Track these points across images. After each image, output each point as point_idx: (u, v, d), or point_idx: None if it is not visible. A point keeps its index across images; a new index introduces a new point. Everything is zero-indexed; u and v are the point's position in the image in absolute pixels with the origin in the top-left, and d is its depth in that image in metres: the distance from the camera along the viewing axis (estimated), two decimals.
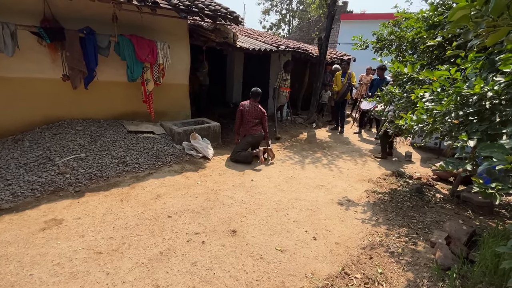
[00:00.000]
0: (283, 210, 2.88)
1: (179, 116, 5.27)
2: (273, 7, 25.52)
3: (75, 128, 3.90)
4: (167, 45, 4.44)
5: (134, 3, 3.63)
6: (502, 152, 0.90)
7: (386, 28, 3.85)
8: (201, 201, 2.92)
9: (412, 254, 2.21)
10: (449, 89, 1.60)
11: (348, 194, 3.39)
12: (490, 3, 0.85)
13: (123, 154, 3.67)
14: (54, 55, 3.69)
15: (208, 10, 4.35)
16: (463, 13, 0.93)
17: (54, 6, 3.63)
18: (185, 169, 3.76)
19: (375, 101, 3.54)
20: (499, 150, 0.92)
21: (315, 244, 2.34)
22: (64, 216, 2.48)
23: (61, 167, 3.15)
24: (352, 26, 12.96)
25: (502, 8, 0.86)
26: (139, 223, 2.46)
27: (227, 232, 2.42)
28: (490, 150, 0.95)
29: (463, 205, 3.16)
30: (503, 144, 0.93)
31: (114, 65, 4.20)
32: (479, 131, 1.39)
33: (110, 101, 4.43)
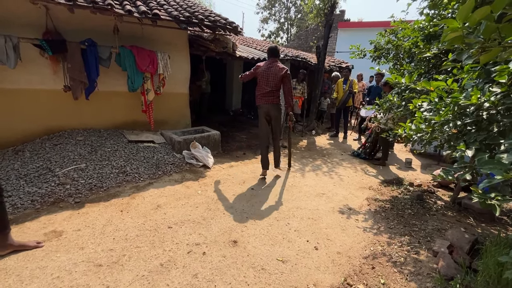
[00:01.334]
0: (284, 219, 2.86)
1: (179, 125, 5.30)
2: (271, 16, 25.94)
3: (75, 138, 3.92)
4: (167, 56, 4.49)
5: (135, 15, 3.70)
6: (501, 169, 0.91)
7: (383, 37, 3.91)
8: (201, 211, 2.91)
9: (414, 264, 2.19)
10: (446, 99, 1.63)
11: (349, 202, 3.38)
12: (481, 25, 0.88)
13: (123, 164, 3.67)
14: (55, 67, 3.74)
15: (208, 21, 4.43)
16: (456, 35, 0.96)
17: (56, 18, 3.70)
18: (186, 178, 3.75)
19: (374, 108, 3.58)
20: (497, 166, 0.93)
21: (317, 254, 2.32)
22: (64, 228, 2.47)
23: (61, 178, 3.15)
24: (349, 34, 13.16)
25: (492, 30, 0.89)
26: (139, 234, 2.44)
27: (228, 243, 2.40)
28: (489, 166, 0.96)
29: (465, 212, 3.15)
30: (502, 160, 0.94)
31: (115, 76, 4.25)
32: (477, 141, 1.40)
33: (111, 111, 4.46)
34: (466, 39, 0.94)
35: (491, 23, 0.86)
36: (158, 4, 4.31)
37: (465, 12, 0.87)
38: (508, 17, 0.87)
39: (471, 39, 0.92)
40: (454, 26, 0.93)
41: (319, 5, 7.22)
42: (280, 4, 25.22)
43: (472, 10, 0.87)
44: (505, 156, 0.94)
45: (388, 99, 3.11)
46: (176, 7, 4.44)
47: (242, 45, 7.71)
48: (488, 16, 0.85)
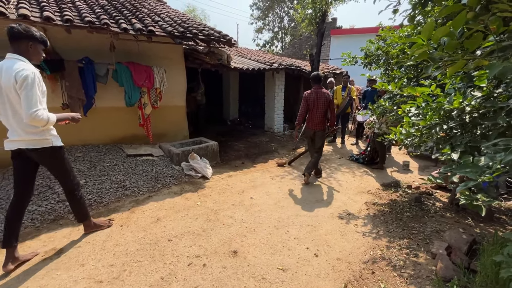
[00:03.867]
0: (284, 227, 2.88)
1: (177, 137, 5.35)
2: (265, 26, 26.44)
3: (74, 154, 3.95)
4: (164, 70, 4.59)
5: (131, 32, 3.80)
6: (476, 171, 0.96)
7: (373, 44, 4.02)
8: (201, 222, 2.92)
9: (414, 267, 2.20)
10: (432, 104, 1.69)
11: (348, 207, 3.40)
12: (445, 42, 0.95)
13: (122, 178, 3.70)
14: (53, 85, 3.81)
15: (202, 35, 4.54)
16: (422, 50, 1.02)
17: (54, 38, 3.79)
18: (185, 190, 3.77)
19: (368, 114, 3.64)
20: (473, 169, 0.97)
21: (317, 261, 2.33)
22: (64, 245, 2.47)
23: (61, 195, 3.16)
24: (342, 40, 13.42)
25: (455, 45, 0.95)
26: (139, 249, 2.45)
27: (228, 253, 2.41)
28: (464, 170, 1.00)
29: (463, 212, 3.17)
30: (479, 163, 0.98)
31: (112, 91, 4.32)
32: (462, 143, 1.45)
33: (109, 126, 4.52)
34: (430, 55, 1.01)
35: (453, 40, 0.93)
36: (153, 21, 4.43)
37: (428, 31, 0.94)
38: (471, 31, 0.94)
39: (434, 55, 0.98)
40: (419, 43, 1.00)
41: (311, 14, 7.40)
42: (273, 14, 25.76)
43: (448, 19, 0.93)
44: (482, 159, 0.98)
45: (381, 104, 3.18)
46: (171, 23, 4.56)
47: (237, 56, 7.85)
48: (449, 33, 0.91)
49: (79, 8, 3.92)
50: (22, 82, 1.91)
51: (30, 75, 1.94)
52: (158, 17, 4.80)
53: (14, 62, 1.97)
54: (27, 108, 1.92)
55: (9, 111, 2.02)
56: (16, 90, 1.94)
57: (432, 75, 1.00)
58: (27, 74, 1.92)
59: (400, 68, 3.36)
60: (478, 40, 0.94)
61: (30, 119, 1.93)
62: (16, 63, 1.96)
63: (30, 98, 1.93)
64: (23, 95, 1.92)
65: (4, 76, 1.94)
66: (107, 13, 4.21)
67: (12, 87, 1.93)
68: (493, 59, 0.95)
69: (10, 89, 1.94)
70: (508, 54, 0.94)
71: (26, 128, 2.04)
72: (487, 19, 0.88)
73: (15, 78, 1.91)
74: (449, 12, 0.91)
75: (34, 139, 2.09)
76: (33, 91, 1.94)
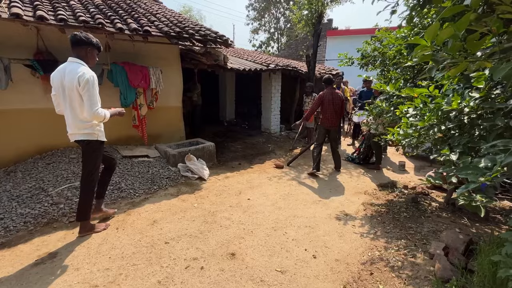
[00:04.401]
0: (282, 228, 2.86)
1: (173, 138, 5.30)
2: (261, 26, 26.46)
3: (68, 156, 3.89)
4: (160, 70, 4.55)
5: (126, 32, 3.76)
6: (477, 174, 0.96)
7: (369, 45, 4.04)
8: (198, 224, 2.90)
9: (412, 267, 2.20)
10: (430, 105, 1.69)
11: (345, 208, 3.40)
12: (448, 44, 0.95)
13: (118, 180, 3.65)
14: (47, 86, 3.73)
15: (198, 35, 4.51)
16: (425, 52, 1.02)
17: (47, 39, 3.73)
18: (181, 192, 3.74)
19: (365, 114, 3.65)
20: (474, 171, 0.97)
21: (315, 263, 2.32)
22: (58, 249, 2.42)
23: (54, 198, 3.11)
24: (338, 41, 13.50)
25: (458, 47, 0.95)
26: (135, 252, 2.41)
27: (226, 256, 2.38)
28: (465, 172, 1.00)
29: (459, 212, 3.20)
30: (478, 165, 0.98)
31: (107, 92, 4.25)
32: (460, 144, 1.45)
33: (104, 127, 4.44)
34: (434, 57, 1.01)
35: (457, 42, 0.93)
36: (149, 21, 4.39)
37: (432, 32, 0.94)
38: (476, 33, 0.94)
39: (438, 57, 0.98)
40: (423, 44, 1.00)
41: (307, 15, 7.42)
42: (269, 15, 25.79)
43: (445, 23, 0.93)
44: (482, 161, 0.98)
45: (377, 105, 3.19)
46: (167, 23, 4.53)
47: (233, 57, 7.83)
48: (453, 35, 0.91)
49: (73, 7, 3.86)
50: (85, 85, 2.19)
51: (90, 78, 2.23)
52: (154, 17, 4.76)
53: (76, 65, 2.25)
54: (89, 107, 2.24)
55: (68, 108, 2.32)
56: (78, 90, 2.22)
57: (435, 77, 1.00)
58: (88, 77, 2.21)
59: (396, 69, 3.38)
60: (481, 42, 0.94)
61: (92, 116, 2.27)
62: (79, 67, 2.24)
63: (92, 98, 2.23)
64: (86, 96, 2.21)
65: (67, 78, 2.22)
66: (102, 12, 4.15)
67: (74, 88, 2.21)
68: (494, 61, 0.95)
69: (72, 89, 2.22)
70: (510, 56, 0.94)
71: (78, 123, 2.35)
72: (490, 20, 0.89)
73: (78, 80, 2.18)
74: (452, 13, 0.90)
75: (84, 133, 2.39)
76: (94, 92, 2.26)
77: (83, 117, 2.31)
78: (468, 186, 0.98)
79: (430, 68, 1.05)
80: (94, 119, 2.33)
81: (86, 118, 2.30)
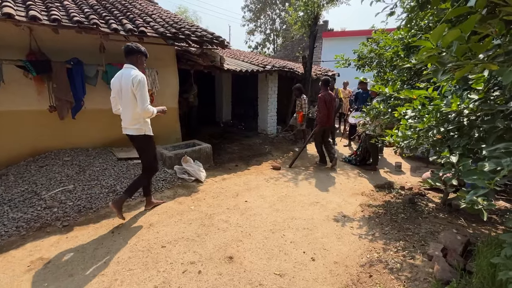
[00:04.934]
0: (280, 231, 2.84)
1: (169, 139, 5.25)
2: (257, 28, 26.49)
3: (62, 159, 3.82)
4: (155, 71, 4.50)
5: (122, 33, 3.71)
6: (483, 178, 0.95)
7: (365, 47, 4.05)
8: (195, 228, 2.86)
9: (411, 269, 2.20)
10: (428, 106, 1.69)
11: (343, 209, 3.40)
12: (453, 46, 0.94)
13: (113, 183, 3.59)
14: (40, 87, 3.67)
15: (195, 36, 4.48)
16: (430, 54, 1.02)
17: (40, 39, 3.67)
18: (178, 194, 3.69)
19: (362, 116, 3.66)
20: (480, 176, 0.97)
21: (314, 265, 2.30)
22: (51, 254, 2.36)
23: (48, 201, 3.04)
24: (334, 43, 13.56)
25: (464, 49, 0.94)
26: (131, 256, 2.37)
27: (224, 259, 2.35)
28: (472, 177, 0.99)
29: (455, 213, 3.21)
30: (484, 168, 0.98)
31: (102, 93, 4.20)
32: (460, 146, 1.45)
33: (99, 129, 4.39)
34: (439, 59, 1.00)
35: (463, 44, 0.92)
36: (144, 22, 4.34)
37: (438, 34, 0.93)
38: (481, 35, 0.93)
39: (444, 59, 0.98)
40: (428, 46, 0.99)
41: (303, 16, 7.44)
42: (265, 16, 25.84)
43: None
44: (487, 165, 0.97)
45: (375, 107, 3.20)
46: (163, 24, 4.49)
47: (229, 58, 7.81)
48: (459, 37, 0.90)
49: (67, 7, 3.80)
50: (137, 85, 2.58)
51: (142, 79, 2.63)
52: (150, 17, 4.71)
53: (129, 70, 2.66)
54: (141, 103, 2.62)
55: (125, 107, 2.72)
56: (132, 90, 2.61)
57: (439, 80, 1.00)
58: (140, 79, 2.61)
59: (393, 70, 3.40)
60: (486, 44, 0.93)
61: (143, 110, 2.64)
62: (132, 71, 2.65)
63: (143, 96, 2.63)
64: (138, 95, 2.60)
65: (123, 80, 2.65)
66: (96, 13, 4.10)
67: (129, 89, 2.61)
68: (499, 64, 0.95)
69: (127, 90, 2.63)
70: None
71: (131, 120, 2.74)
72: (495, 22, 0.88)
73: (132, 82, 2.58)
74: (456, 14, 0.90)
75: (134, 128, 2.77)
76: (145, 91, 2.64)
77: (135, 113, 2.69)
78: (477, 191, 0.97)
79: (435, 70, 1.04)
80: (144, 114, 2.70)
81: (138, 113, 2.67)
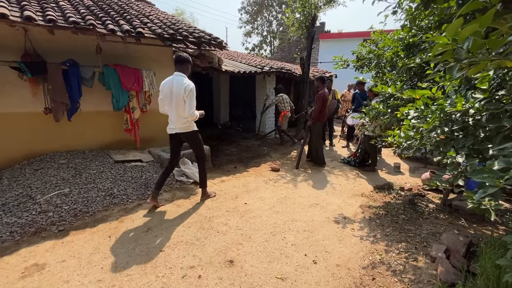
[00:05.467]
0: (280, 233, 2.80)
1: (167, 141, 5.18)
2: (254, 30, 26.56)
3: (58, 162, 3.75)
4: (153, 73, 4.46)
5: (118, 34, 3.66)
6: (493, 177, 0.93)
7: (364, 48, 4.05)
8: (194, 231, 2.81)
9: (414, 271, 2.17)
10: (432, 106, 1.67)
11: (344, 210, 3.37)
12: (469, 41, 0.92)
13: (110, 186, 3.53)
14: (35, 89, 3.60)
15: (192, 37, 4.45)
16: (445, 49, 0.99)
17: (35, 40, 3.61)
18: (176, 197, 3.64)
19: (361, 117, 3.64)
20: (490, 174, 0.94)
21: (316, 269, 2.26)
22: (46, 260, 2.30)
23: (43, 205, 2.97)
24: (331, 44, 13.62)
25: (480, 45, 0.92)
26: (129, 261, 2.31)
27: (224, 263, 2.31)
28: (481, 176, 0.97)
29: (456, 213, 3.20)
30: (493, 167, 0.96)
31: (98, 95, 4.15)
32: (465, 146, 1.43)
33: (96, 131, 4.33)
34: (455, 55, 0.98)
35: (479, 39, 0.90)
36: (142, 23, 4.30)
37: (454, 29, 0.90)
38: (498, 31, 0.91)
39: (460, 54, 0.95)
40: (444, 41, 0.96)
41: (300, 18, 7.45)
42: (262, 18, 25.92)
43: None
44: (496, 164, 0.95)
45: (374, 107, 3.18)
46: (160, 25, 4.45)
47: (227, 59, 7.79)
48: (476, 32, 0.88)
49: (62, 8, 3.74)
50: (189, 93, 2.96)
51: (193, 88, 3.00)
52: (147, 18, 4.67)
53: (181, 78, 3.01)
54: (189, 109, 3.01)
55: (174, 110, 3.06)
56: (183, 97, 2.96)
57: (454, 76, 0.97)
58: (191, 88, 2.98)
59: (392, 70, 3.39)
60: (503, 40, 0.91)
61: (189, 115, 3.04)
62: (184, 79, 3.00)
63: (192, 103, 3.01)
64: (188, 101, 2.98)
65: (175, 87, 2.97)
66: (93, 14, 4.05)
67: (181, 95, 2.96)
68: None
69: (179, 96, 2.97)
70: None
71: (180, 120, 3.11)
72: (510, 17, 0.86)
73: (184, 89, 2.94)
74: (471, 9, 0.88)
75: (184, 127, 3.16)
76: (194, 99, 3.02)
77: (183, 115, 3.05)
78: (487, 190, 0.95)
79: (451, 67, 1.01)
80: (190, 117, 3.09)
81: (185, 116, 3.04)
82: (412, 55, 2.73)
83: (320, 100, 4.87)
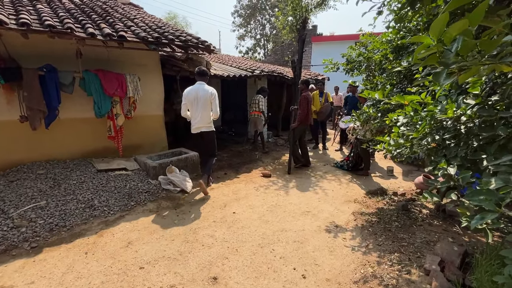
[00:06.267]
0: (269, 245, 2.67)
1: (155, 148, 5.03)
2: (247, 33, 26.58)
3: (36, 172, 3.56)
4: (138, 78, 4.30)
5: (99, 38, 3.51)
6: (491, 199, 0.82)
7: (354, 51, 3.97)
8: (178, 244, 2.65)
9: (407, 286, 2.06)
10: (422, 113, 1.57)
11: (335, 218, 3.25)
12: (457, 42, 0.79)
13: (90, 197, 3.35)
14: (9, 96, 3.43)
15: (179, 41, 4.32)
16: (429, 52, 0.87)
17: (10, 44, 3.43)
18: (162, 207, 3.48)
19: (352, 121, 3.55)
20: (488, 196, 0.83)
21: (305, 284, 2.13)
22: (14, 282, 2.12)
23: (15, 220, 2.78)
24: (323, 47, 13.63)
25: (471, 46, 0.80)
26: (105, 281, 2.15)
27: (207, 280, 2.16)
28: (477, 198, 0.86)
29: (450, 219, 3.11)
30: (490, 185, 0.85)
31: (79, 101, 3.98)
32: (458, 156, 1.33)
33: (77, 139, 4.15)
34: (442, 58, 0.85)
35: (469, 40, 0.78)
36: (125, 26, 4.16)
37: (439, 26, 0.77)
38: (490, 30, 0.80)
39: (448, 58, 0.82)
40: (428, 43, 0.83)
41: (291, 21, 7.38)
42: (255, 21, 25.96)
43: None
44: (493, 181, 0.84)
45: (365, 111, 3.09)
46: (145, 28, 4.31)
47: (218, 63, 7.67)
48: (465, 31, 0.76)
49: (39, 11, 3.58)
50: (214, 97, 3.74)
51: (216, 93, 3.79)
52: (131, 22, 4.53)
53: (204, 85, 3.76)
54: (215, 110, 3.77)
55: (199, 112, 3.74)
56: (210, 100, 3.71)
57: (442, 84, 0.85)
58: (215, 93, 3.80)
59: (382, 73, 3.31)
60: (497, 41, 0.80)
61: (216, 115, 3.80)
62: (205, 86, 3.77)
63: (217, 106, 3.79)
64: (214, 104, 3.75)
65: (201, 93, 3.69)
66: (72, 17, 3.89)
67: (208, 99, 3.70)
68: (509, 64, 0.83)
69: (206, 99, 3.70)
70: None
71: (205, 120, 3.78)
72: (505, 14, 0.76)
73: (210, 94, 3.71)
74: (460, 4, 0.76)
75: (208, 126, 3.86)
76: (217, 102, 3.79)
77: (210, 116, 3.78)
78: (485, 216, 0.83)
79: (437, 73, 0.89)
80: (215, 117, 3.81)
81: (213, 116, 3.80)
82: (401, 57, 2.65)
83: (304, 102, 4.88)
